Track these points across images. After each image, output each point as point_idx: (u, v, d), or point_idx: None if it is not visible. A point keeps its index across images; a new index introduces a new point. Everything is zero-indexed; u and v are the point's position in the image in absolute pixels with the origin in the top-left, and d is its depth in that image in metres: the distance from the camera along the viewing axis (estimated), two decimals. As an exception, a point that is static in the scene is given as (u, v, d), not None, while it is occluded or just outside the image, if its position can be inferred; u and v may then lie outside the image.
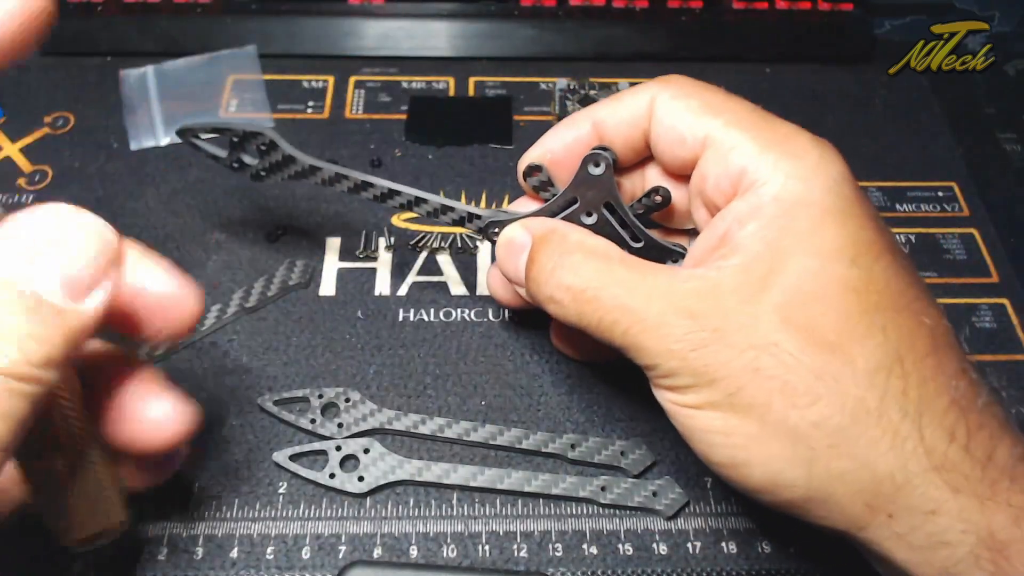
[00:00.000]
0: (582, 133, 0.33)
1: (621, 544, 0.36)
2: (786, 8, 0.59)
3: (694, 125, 0.30)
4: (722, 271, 0.27)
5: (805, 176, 0.27)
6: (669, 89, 0.31)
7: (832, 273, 0.26)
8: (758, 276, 0.26)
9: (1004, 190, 0.51)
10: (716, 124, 0.29)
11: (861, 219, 0.27)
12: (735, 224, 0.28)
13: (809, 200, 0.27)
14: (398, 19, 0.58)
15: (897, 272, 0.27)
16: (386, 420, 0.39)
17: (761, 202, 0.27)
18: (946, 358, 0.26)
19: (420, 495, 0.37)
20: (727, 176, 0.29)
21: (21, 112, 0.53)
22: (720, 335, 0.26)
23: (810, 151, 0.28)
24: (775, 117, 0.30)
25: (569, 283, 0.30)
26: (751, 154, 0.28)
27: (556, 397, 0.41)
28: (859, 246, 0.27)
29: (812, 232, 0.27)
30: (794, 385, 0.25)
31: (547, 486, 0.37)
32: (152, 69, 0.55)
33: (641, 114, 0.31)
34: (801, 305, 0.26)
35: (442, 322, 0.44)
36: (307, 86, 0.56)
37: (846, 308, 0.26)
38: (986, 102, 0.57)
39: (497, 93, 0.56)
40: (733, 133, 0.29)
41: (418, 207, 0.36)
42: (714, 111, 0.29)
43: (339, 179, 0.36)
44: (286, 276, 0.45)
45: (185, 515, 0.36)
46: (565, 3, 0.59)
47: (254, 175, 0.39)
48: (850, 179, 0.28)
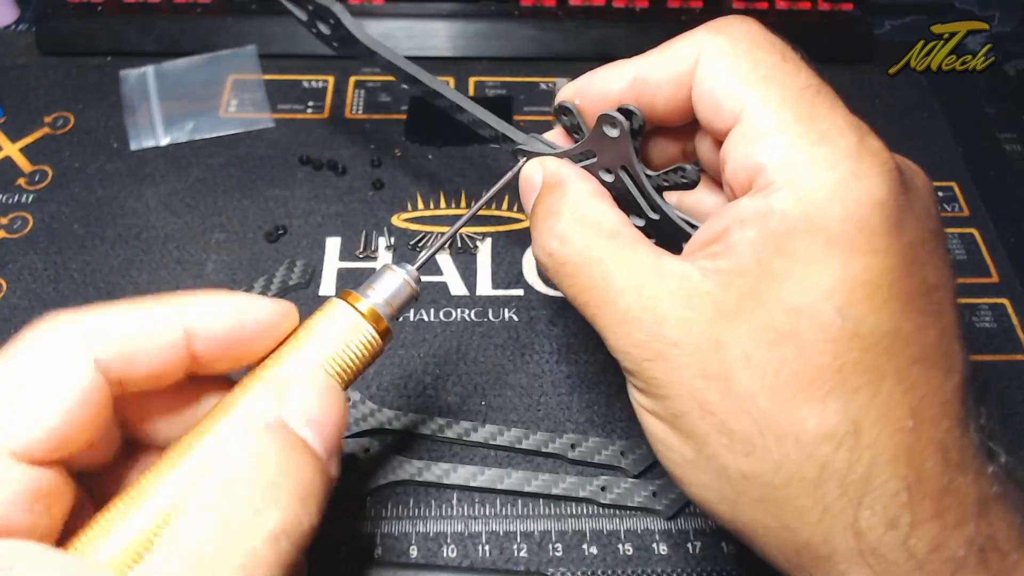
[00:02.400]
0: (620, 87, 0.29)
1: (621, 544, 0.36)
2: (786, 8, 0.59)
3: (734, 95, 0.25)
4: (706, 275, 0.25)
5: (825, 194, 0.23)
6: (719, 41, 0.26)
7: (812, 318, 0.23)
8: (736, 295, 0.24)
9: (1004, 190, 0.51)
10: (754, 100, 0.25)
11: (882, 256, 0.23)
12: (737, 224, 0.25)
13: (818, 224, 0.23)
14: (398, 19, 0.58)
15: (906, 323, 0.23)
16: (386, 420, 0.39)
17: (768, 211, 0.24)
18: (926, 430, 0.23)
19: (420, 495, 0.37)
20: (745, 167, 0.25)
21: (21, 112, 0.53)
22: (678, 352, 0.24)
23: (845, 162, 0.23)
24: (831, 101, 0.25)
25: (552, 249, 0.28)
26: (777, 150, 0.24)
27: (556, 397, 0.41)
28: (859, 290, 0.23)
29: (808, 263, 0.23)
30: (733, 429, 0.24)
31: (547, 486, 0.37)
32: (152, 69, 0.55)
33: (687, 70, 0.27)
34: (769, 345, 0.23)
35: (442, 322, 0.44)
36: (307, 86, 0.56)
37: (816, 360, 0.23)
38: (986, 102, 0.57)
39: (497, 93, 0.56)
40: (768, 117, 0.24)
41: (458, 114, 0.35)
42: (758, 81, 0.25)
43: (391, 67, 0.35)
44: (286, 276, 0.45)
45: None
46: (565, 3, 0.59)
47: (330, 45, 0.38)
48: (890, 203, 0.23)
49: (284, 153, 0.51)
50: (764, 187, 0.24)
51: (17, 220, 0.47)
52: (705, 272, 0.25)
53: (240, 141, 0.52)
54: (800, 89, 0.25)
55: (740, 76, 0.25)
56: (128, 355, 0.24)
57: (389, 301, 0.29)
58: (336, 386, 0.26)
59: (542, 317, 0.44)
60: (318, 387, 0.25)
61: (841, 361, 0.23)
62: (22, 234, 0.47)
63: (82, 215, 0.48)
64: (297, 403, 0.24)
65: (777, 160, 0.24)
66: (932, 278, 0.24)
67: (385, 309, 0.28)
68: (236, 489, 0.22)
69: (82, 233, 0.47)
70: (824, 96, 0.25)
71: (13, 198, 0.48)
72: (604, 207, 0.28)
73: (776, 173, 0.24)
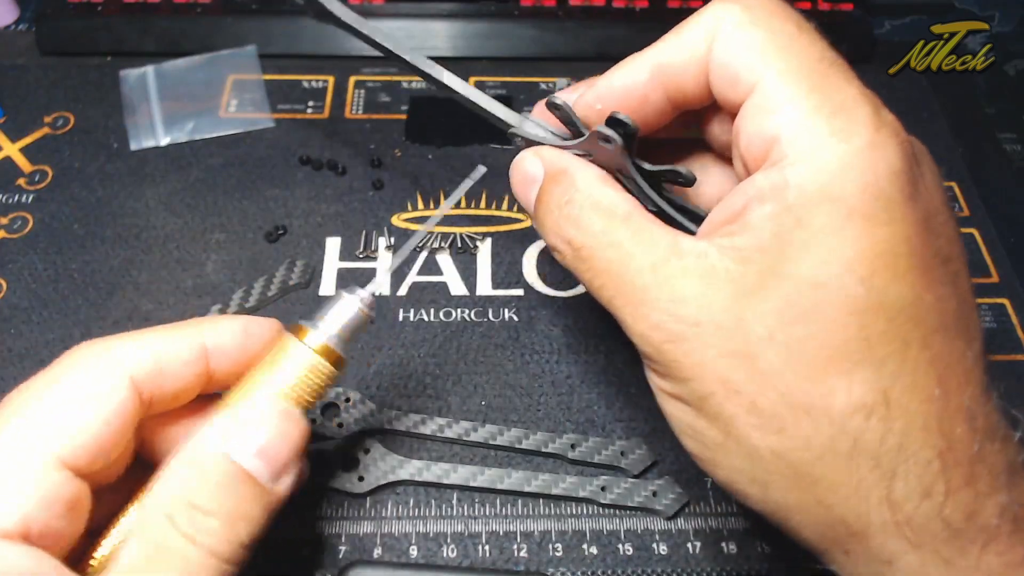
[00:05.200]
0: (642, 80, 0.28)
1: (621, 544, 0.36)
2: (786, 8, 0.59)
3: (751, 67, 0.25)
4: (723, 253, 0.24)
5: (842, 165, 0.23)
6: (733, 12, 0.26)
7: (836, 290, 0.23)
8: (757, 271, 0.23)
9: (1004, 190, 0.51)
10: (770, 72, 0.24)
11: (899, 225, 0.23)
12: (754, 200, 0.24)
13: (836, 195, 0.23)
14: (398, 19, 0.58)
15: (927, 293, 0.23)
16: (386, 420, 0.39)
17: (784, 184, 0.23)
18: (953, 398, 0.23)
19: (420, 495, 0.37)
20: (761, 140, 0.25)
21: (21, 112, 0.53)
22: (699, 332, 0.24)
23: (861, 133, 0.23)
24: (845, 74, 0.25)
25: (570, 236, 0.27)
26: (792, 122, 0.24)
27: (556, 397, 0.41)
28: (880, 260, 0.23)
29: (828, 235, 0.23)
30: (761, 408, 0.23)
31: (547, 486, 0.37)
32: (152, 69, 0.55)
33: (708, 48, 0.26)
34: (793, 321, 0.23)
35: (442, 322, 0.44)
36: (307, 86, 0.56)
37: (842, 333, 0.23)
38: (986, 102, 0.57)
39: (497, 93, 0.55)
40: (783, 89, 0.24)
41: (444, 91, 0.34)
42: (775, 52, 0.25)
43: (373, 43, 0.34)
44: (286, 276, 0.45)
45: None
46: (565, 3, 0.59)
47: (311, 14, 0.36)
48: (905, 173, 0.23)
49: (284, 153, 0.51)
50: (779, 160, 0.24)
51: (17, 220, 0.47)
52: (723, 250, 0.24)
53: (240, 141, 0.52)
54: (815, 60, 0.24)
55: (756, 47, 0.25)
56: (159, 373, 0.27)
57: (341, 332, 0.29)
58: (292, 411, 0.28)
59: (542, 317, 0.44)
60: (268, 419, 0.27)
61: (867, 332, 0.23)
62: (22, 234, 0.47)
63: (82, 215, 0.48)
64: (244, 436, 0.26)
65: (792, 132, 0.24)
66: (946, 249, 0.24)
67: (338, 341, 0.29)
68: (175, 517, 0.24)
69: (82, 233, 0.47)
70: (839, 68, 0.25)
71: (13, 198, 0.48)
72: (614, 192, 0.28)
73: (791, 145, 0.24)
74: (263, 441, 0.26)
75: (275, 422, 0.27)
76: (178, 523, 0.24)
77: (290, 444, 0.27)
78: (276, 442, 0.27)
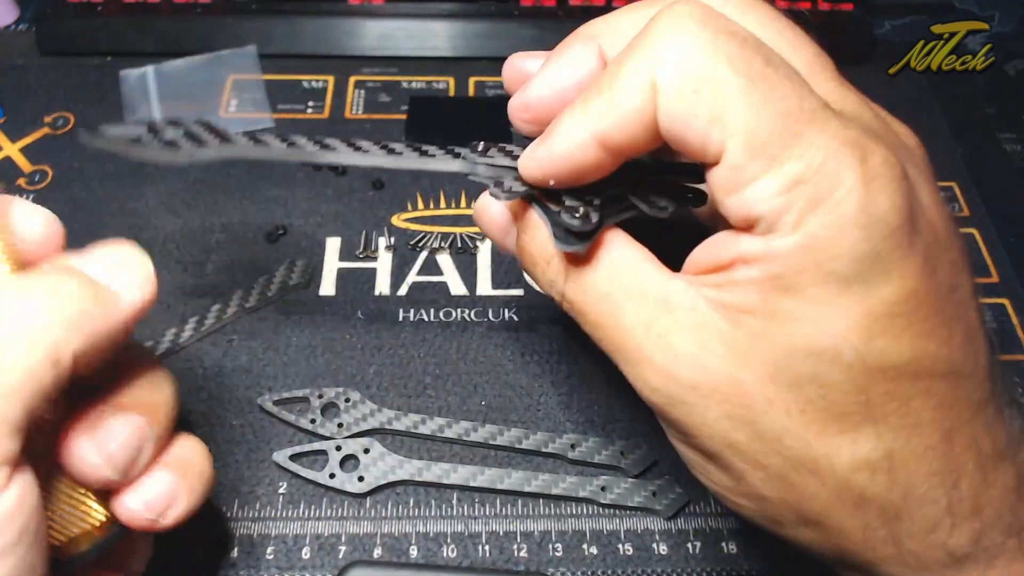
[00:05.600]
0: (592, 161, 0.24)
1: (621, 544, 0.36)
2: (786, 8, 0.59)
3: (707, 136, 0.22)
4: (712, 308, 0.23)
5: (830, 236, 0.21)
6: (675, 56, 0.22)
7: (833, 360, 0.22)
8: (746, 334, 0.23)
9: (1004, 190, 0.51)
10: (735, 143, 0.21)
11: (898, 282, 0.21)
12: (740, 262, 0.23)
13: (825, 268, 0.21)
14: (398, 19, 0.58)
15: (930, 343, 0.22)
16: (386, 420, 0.39)
17: (772, 255, 0.22)
18: (960, 437, 0.23)
19: (420, 495, 0.37)
20: (739, 213, 0.22)
21: (21, 112, 0.53)
22: (697, 396, 0.24)
23: (849, 198, 0.21)
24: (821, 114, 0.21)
25: (560, 291, 0.27)
26: (770, 198, 0.21)
27: (556, 397, 0.41)
28: (878, 325, 0.22)
29: (821, 305, 0.22)
30: (766, 466, 0.24)
31: (547, 486, 0.37)
32: (152, 69, 0.55)
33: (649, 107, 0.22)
34: (790, 387, 0.22)
35: (442, 322, 0.44)
36: (307, 86, 0.56)
37: (840, 399, 0.22)
38: (986, 102, 0.57)
39: (497, 93, 0.56)
40: (753, 164, 0.21)
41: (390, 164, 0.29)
42: (731, 117, 0.21)
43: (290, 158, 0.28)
44: (286, 276, 0.45)
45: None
46: (565, 3, 0.59)
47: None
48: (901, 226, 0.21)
49: (284, 153, 0.51)
50: (765, 231, 0.22)
51: (17, 220, 0.47)
52: (711, 304, 0.23)
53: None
54: (783, 111, 0.21)
55: (708, 118, 0.21)
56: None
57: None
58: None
59: (542, 317, 0.44)
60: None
61: (867, 396, 0.22)
62: (22, 234, 0.47)
63: (82, 215, 0.48)
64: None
65: (774, 209, 0.21)
66: (952, 278, 0.23)
67: None
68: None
69: (82, 233, 0.47)
70: (811, 108, 0.21)
71: (13, 198, 0.48)
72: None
73: (775, 223, 0.22)
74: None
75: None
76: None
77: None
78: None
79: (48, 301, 0.23)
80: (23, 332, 0.22)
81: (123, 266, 0.26)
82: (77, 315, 0.23)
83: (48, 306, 0.23)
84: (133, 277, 0.26)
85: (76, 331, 0.23)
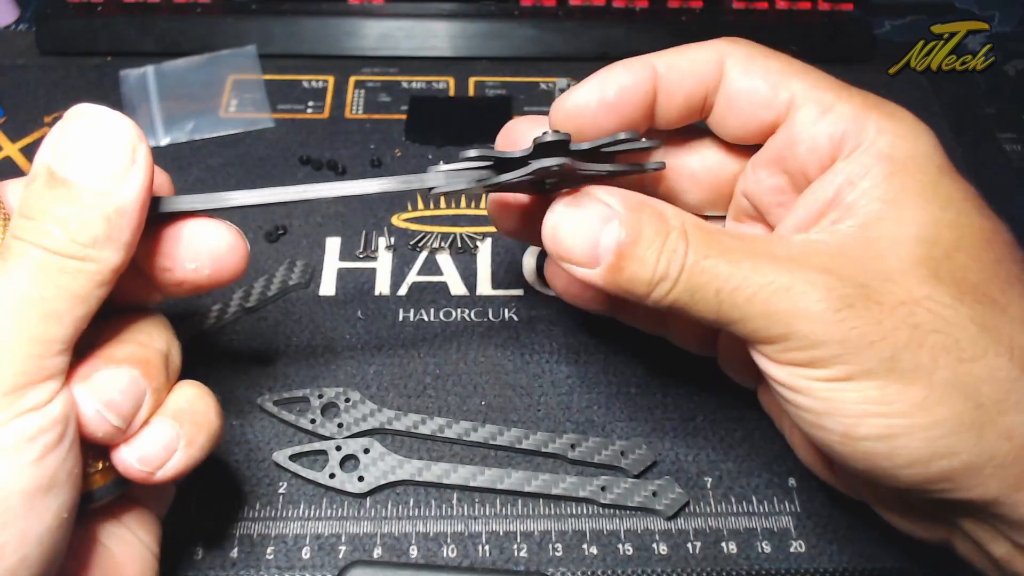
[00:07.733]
0: (639, 79, 0.29)
1: (621, 544, 0.36)
2: (786, 8, 0.59)
3: (779, 86, 0.28)
4: (840, 234, 0.26)
5: (910, 135, 0.26)
6: (741, 49, 0.29)
7: (967, 223, 0.26)
8: (885, 233, 0.25)
9: (1004, 190, 0.51)
10: (804, 86, 0.28)
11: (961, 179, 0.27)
12: (846, 186, 0.26)
13: (923, 155, 0.26)
14: (398, 19, 0.58)
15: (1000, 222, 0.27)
16: (386, 420, 0.39)
17: (872, 161, 0.26)
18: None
19: (420, 495, 0.37)
20: (827, 138, 0.27)
21: (21, 112, 0.53)
22: (866, 292, 0.24)
23: (905, 113, 0.27)
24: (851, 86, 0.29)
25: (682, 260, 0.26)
26: (851, 115, 0.27)
27: (556, 397, 0.41)
28: (979, 198, 0.27)
29: (935, 185, 0.26)
30: (957, 338, 0.24)
31: (547, 486, 0.37)
32: (152, 69, 0.55)
33: (708, 71, 0.29)
34: (944, 257, 0.25)
35: (442, 322, 0.44)
36: (307, 86, 0.56)
37: (987, 257, 0.25)
38: (986, 102, 0.57)
39: (497, 93, 0.56)
40: (825, 95, 0.27)
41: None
42: (797, 74, 0.28)
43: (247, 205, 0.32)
44: (286, 276, 0.45)
45: (184, 515, 0.36)
46: (565, 3, 0.59)
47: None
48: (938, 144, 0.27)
49: (284, 153, 0.51)
50: (855, 147, 0.27)
51: (17, 220, 0.47)
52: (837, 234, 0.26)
53: (240, 141, 0.52)
54: (829, 78, 0.28)
55: (780, 72, 0.28)
56: None
57: None
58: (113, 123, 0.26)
59: (542, 317, 0.44)
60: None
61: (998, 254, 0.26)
62: (22, 234, 0.47)
63: (82, 215, 0.47)
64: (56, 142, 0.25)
65: (856, 123, 0.27)
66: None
67: None
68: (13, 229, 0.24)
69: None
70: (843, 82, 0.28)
71: (13, 198, 0.48)
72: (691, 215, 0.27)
73: (862, 133, 0.27)
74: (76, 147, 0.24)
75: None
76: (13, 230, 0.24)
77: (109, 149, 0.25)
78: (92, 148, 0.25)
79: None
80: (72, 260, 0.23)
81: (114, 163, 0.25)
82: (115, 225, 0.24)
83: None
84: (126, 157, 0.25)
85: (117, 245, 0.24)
